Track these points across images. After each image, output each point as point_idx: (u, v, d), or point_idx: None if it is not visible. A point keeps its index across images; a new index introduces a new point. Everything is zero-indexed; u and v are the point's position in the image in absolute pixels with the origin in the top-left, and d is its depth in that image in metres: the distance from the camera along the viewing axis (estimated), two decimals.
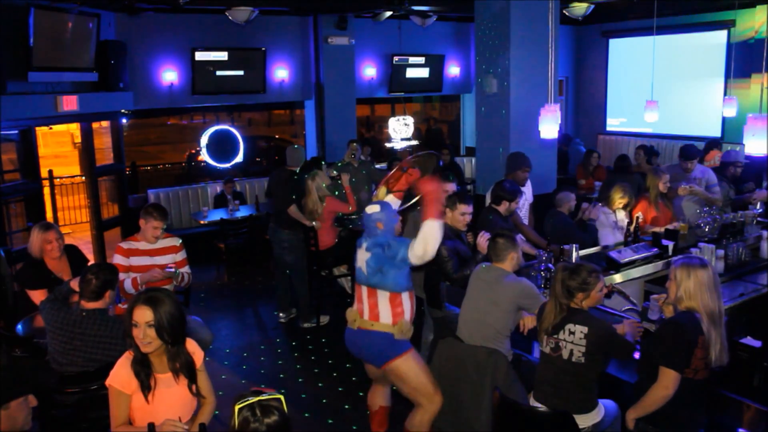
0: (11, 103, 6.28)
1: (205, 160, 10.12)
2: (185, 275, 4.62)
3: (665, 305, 3.35)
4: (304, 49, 10.12)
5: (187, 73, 9.16)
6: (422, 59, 11.09)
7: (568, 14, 9.11)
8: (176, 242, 4.62)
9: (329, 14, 9.81)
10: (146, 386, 2.84)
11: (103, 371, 3.28)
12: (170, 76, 9.04)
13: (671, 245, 5.26)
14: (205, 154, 9.94)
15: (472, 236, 4.59)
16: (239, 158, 10.07)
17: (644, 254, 5.13)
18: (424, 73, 11.19)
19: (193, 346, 3.01)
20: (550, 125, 4.97)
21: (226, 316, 7.02)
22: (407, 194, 4.03)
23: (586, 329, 3.21)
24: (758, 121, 4.47)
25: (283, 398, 2.21)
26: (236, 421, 2.15)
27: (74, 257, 4.83)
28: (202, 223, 8.49)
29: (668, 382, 2.94)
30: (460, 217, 4.50)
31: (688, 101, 10.55)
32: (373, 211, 3.75)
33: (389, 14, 9.61)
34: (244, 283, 8.10)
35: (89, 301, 3.66)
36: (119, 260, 4.40)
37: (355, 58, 10.35)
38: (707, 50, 10.34)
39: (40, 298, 4.27)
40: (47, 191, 9.97)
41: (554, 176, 7.94)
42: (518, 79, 7.33)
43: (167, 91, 9.09)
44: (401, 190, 3.92)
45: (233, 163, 10.06)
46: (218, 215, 8.45)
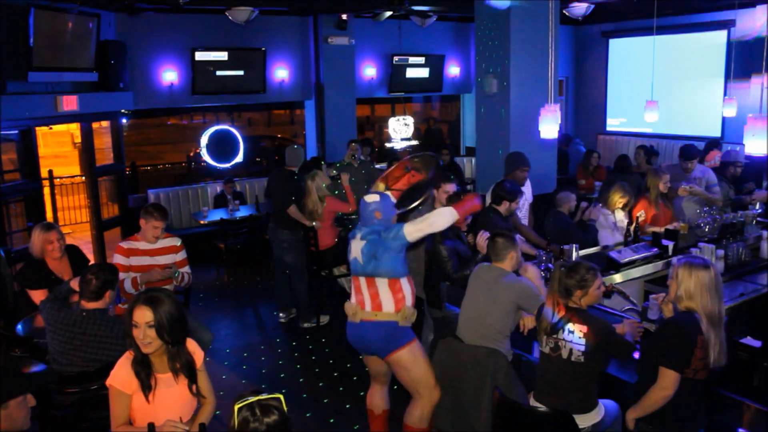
0: (11, 103, 6.28)
1: (205, 160, 10.13)
2: (185, 275, 4.63)
3: (664, 304, 3.35)
4: (304, 49, 10.12)
5: (187, 73, 9.16)
6: (422, 59, 11.08)
7: (568, 14, 9.11)
8: (176, 242, 4.63)
9: (329, 14, 9.81)
10: (146, 386, 2.84)
11: (103, 371, 3.28)
12: (170, 76, 9.04)
13: (671, 245, 5.27)
14: (205, 154, 9.94)
15: (472, 237, 4.59)
16: (239, 158, 10.08)
17: (644, 254, 5.14)
18: (424, 73, 11.19)
19: (193, 346, 3.01)
20: (550, 125, 4.97)
21: (226, 316, 7.02)
22: (406, 195, 4.03)
23: (585, 328, 3.21)
24: (758, 121, 4.47)
25: (282, 398, 2.21)
26: (236, 421, 2.15)
27: (75, 257, 4.83)
28: (202, 223, 8.49)
29: (668, 382, 2.94)
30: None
31: (688, 101, 10.54)
32: (372, 200, 3.74)
33: (389, 14, 9.61)
34: (244, 283, 8.10)
35: (89, 301, 3.67)
36: (119, 260, 4.41)
37: (355, 58, 10.35)
38: (707, 50, 10.34)
39: (40, 298, 4.27)
40: (47, 191, 9.97)
41: (554, 176, 7.94)
42: (518, 79, 7.33)
43: (167, 91, 9.09)
44: (400, 189, 3.92)
45: (233, 163, 10.07)
46: (218, 215, 8.45)
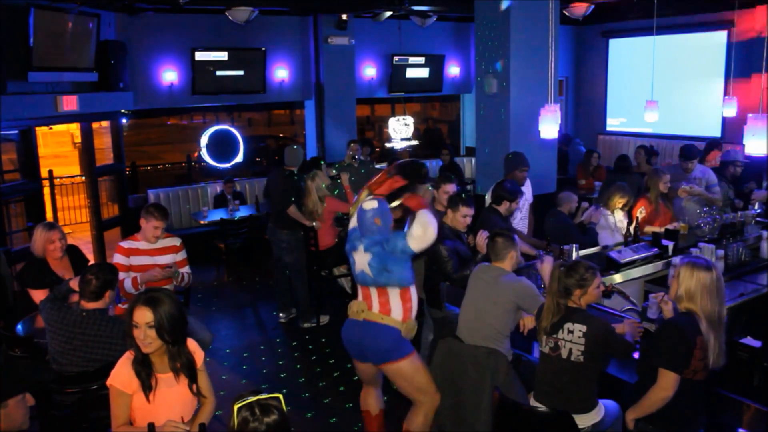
0: (11, 103, 6.28)
1: (205, 160, 10.13)
2: (185, 275, 4.63)
3: (663, 303, 3.35)
4: (304, 49, 10.12)
5: (187, 73, 9.16)
6: (422, 59, 11.08)
7: (568, 14, 9.11)
8: (176, 242, 4.63)
9: (329, 14, 9.81)
10: (147, 386, 2.84)
11: (103, 371, 3.29)
12: (170, 76, 9.04)
13: (671, 245, 5.27)
14: (205, 154, 9.94)
15: (472, 238, 4.60)
16: (239, 158, 10.08)
17: (644, 254, 5.14)
18: (424, 73, 11.19)
19: (193, 345, 3.01)
20: (550, 125, 4.97)
21: (226, 316, 7.02)
22: (388, 200, 4.04)
23: (584, 328, 3.21)
24: (758, 121, 4.47)
25: (282, 397, 2.21)
26: (235, 421, 2.15)
27: (75, 257, 4.83)
28: (202, 223, 8.49)
29: (667, 383, 2.94)
30: (461, 218, 4.53)
31: (688, 101, 10.54)
32: (371, 206, 3.72)
33: (389, 14, 9.61)
34: (243, 283, 8.10)
35: (89, 301, 3.67)
36: (119, 259, 4.41)
37: (355, 58, 10.35)
38: (707, 50, 10.34)
39: (41, 297, 4.25)
40: (47, 191, 9.97)
41: (554, 176, 7.94)
42: (518, 79, 7.33)
43: (167, 91, 9.09)
44: (382, 194, 3.91)
45: (233, 163, 10.07)
46: (218, 215, 8.45)
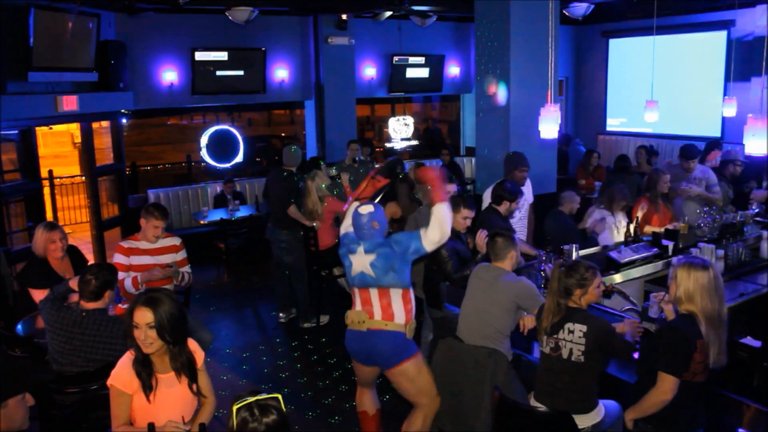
0: (11, 103, 6.28)
1: (204, 160, 10.13)
2: (186, 274, 4.63)
3: (664, 303, 3.35)
4: (304, 49, 10.12)
5: (187, 73, 9.16)
6: (422, 59, 11.08)
7: (568, 14, 9.11)
8: (176, 241, 4.63)
9: (329, 14, 9.81)
10: (147, 386, 2.84)
11: (103, 371, 3.29)
12: (170, 76, 9.04)
13: (671, 245, 5.27)
14: (205, 154, 9.95)
15: (471, 241, 4.60)
16: (239, 158, 10.08)
17: (644, 254, 5.14)
18: (424, 73, 11.19)
19: (194, 345, 3.01)
20: (550, 125, 4.96)
21: (226, 316, 7.02)
22: (373, 197, 4.12)
23: (585, 328, 3.21)
24: (758, 121, 4.46)
25: (281, 397, 2.20)
26: (234, 421, 2.14)
27: (76, 258, 4.83)
28: (202, 223, 8.49)
29: (667, 387, 2.94)
30: (461, 220, 4.54)
31: (688, 101, 10.54)
32: (367, 210, 3.75)
33: (389, 14, 9.61)
34: (243, 283, 8.10)
35: (89, 301, 3.67)
36: (120, 259, 4.41)
37: (355, 58, 10.34)
38: (707, 50, 10.33)
39: (42, 297, 4.26)
40: (47, 191, 9.97)
41: (554, 176, 7.92)
42: (518, 79, 7.32)
43: (167, 91, 9.09)
44: (366, 197, 3.95)
45: (233, 163, 10.07)
46: (218, 215, 8.45)
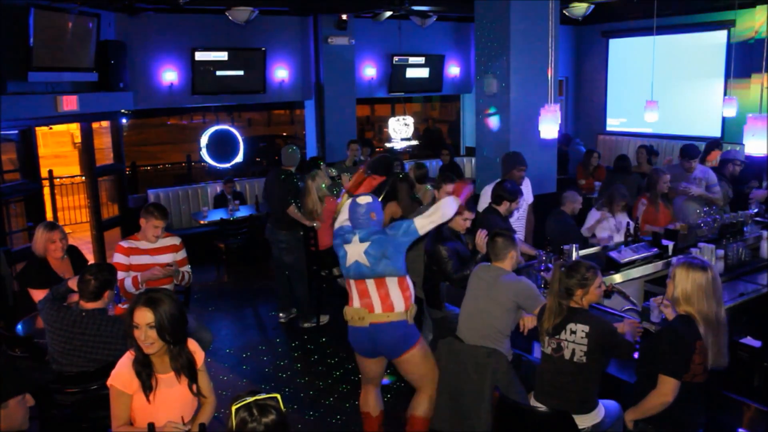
0: (11, 103, 6.27)
1: (204, 160, 10.12)
2: (186, 274, 4.63)
3: (664, 306, 3.34)
4: (304, 49, 10.12)
5: (187, 73, 9.15)
6: (422, 59, 11.08)
7: (568, 14, 9.11)
8: (176, 241, 4.63)
9: (329, 14, 9.81)
10: (147, 386, 2.84)
11: (103, 371, 3.29)
12: (170, 76, 9.04)
13: (671, 245, 5.27)
14: (205, 154, 9.94)
15: (471, 241, 4.61)
16: (239, 158, 10.08)
17: (644, 254, 5.14)
18: (424, 73, 11.18)
19: (194, 345, 3.01)
20: (550, 125, 4.97)
21: (226, 316, 7.02)
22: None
23: (587, 328, 3.21)
24: (758, 121, 4.46)
25: (279, 397, 2.20)
26: (234, 422, 2.14)
27: (75, 258, 4.83)
28: (202, 223, 8.48)
29: (667, 389, 2.93)
30: (461, 221, 4.56)
31: (688, 101, 10.54)
32: (365, 201, 3.77)
33: (389, 14, 9.61)
34: (243, 283, 8.09)
35: (88, 301, 3.67)
36: (120, 259, 4.40)
37: (355, 58, 10.34)
38: (707, 50, 10.33)
39: (41, 297, 4.27)
40: (47, 191, 9.97)
41: (554, 176, 7.93)
42: (518, 79, 7.32)
43: (167, 91, 9.09)
44: (363, 194, 3.94)
45: (233, 163, 10.07)
46: (218, 215, 8.45)
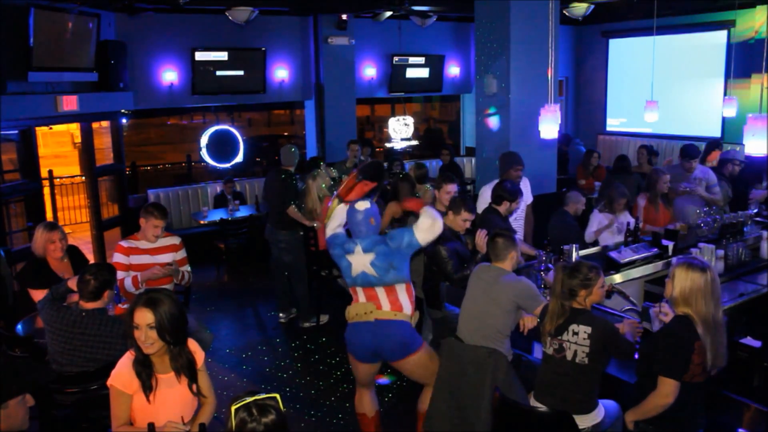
0: (11, 103, 6.28)
1: (204, 160, 10.13)
2: (186, 273, 4.63)
3: (663, 315, 3.32)
4: (304, 49, 10.12)
5: (187, 73, 9.16)
6: (422, 59, 11.08)
7: (568, 14, 9.11)
8: (176, 241, 4.63)
9: (329, 14, 9.81)
10: (148, 386, 2.84)
11: (103, 371, 3.29)
12: (170, 76, 9.04)
13: (671, 245, 5.27)
14: (205, 154, 9.94)
15: (471, 242, 4.61)
16: (239, 158, 10.08)
17: (644, 254, 5.14)
18: (424, 73, 11.19)
19: (194, 345, 3.01)
20: (550, 125, 4.97)
21: (226, 316, 7.02)
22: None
23: (590, 329, 3.20)
24: (758, 121, 4.47)
25: (279, 397, 2.20)
26: (233, 422, 2.14)
27: (74, 258, 4.83)
28: (202, 223, 8.49)
29: (668, 390, 2.94)
30: (461, 222, 4.56)
31: (688, 101, 10.54)
32: (363, 207, 3.77)
33: (389, 14, 9.61)
34: (244, 283, 8.10)
35: (88, 301, 3.67)
36: (120, 258, 4.40)
37: (355, 58, 10.34)
38: (707, 50, 10.34)
39: (41, 297, 4.27)
40: (47, 191, 9.97)
41: (554, 176, 7.93)
42: (518, 79, 7.32)
43: (167, 91, 9.09)
44: (354, 200, 3.92)
45: (233, 163, 10.07)
46: (218, 215, 8.45)
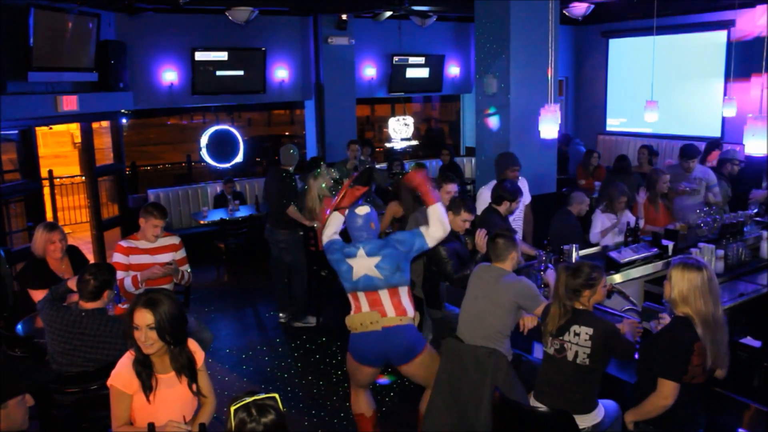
0: (11, 103, 6.27)
1: (204, 160, 10.13)
2: (185, 273, 4.63)
3: (664, 323, 3.32)
4: (304, 49, 10.12)
5: (187, 73, 9.15)
6: (422, 59, 11.08)
7: (568, 14, 9.10)
8: (175, 240, 4.63)
9: (329, 14, 9.81)
10: (148, 386, 2.84)
11: (102, 371, 3.29)
12: (170, 76, 9.04)
13: (671, 245, 5.27)
14: (205, 154, 9.94)
15: (470, 242, 4.61)
16: (239, 158, 10.08)
17: (644, 254, 5.14)
18: (424, 73, 11.18)
19: (194, 346, 3.01)
20: (550, 125, 4.97)
21: (226, 316, 7.02)
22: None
23: (591, 331, 3.20)
24: (758, 121, 4.46)
25: (278, 397, 2.20)
26: (232, 423, 2.13)
27: (75, 258, 4.83)
28: (202, 223, 8.49)
29: (668, 392, 2.94)
30: (461, 222, 4.57)
31: (688, 101, 10.54)
32: (364, 211, 3.82)
33: (389, 14, 9.61)
34: (244, 283, 8.10)
35: (87, 301, 3.67)
36: (119, 258, 4.41)
37: (355, 58, 10.34)
38: (707, 50, 10.33)
39: (41, 298, 4.27)
40: (47, 191, 9.97)
41: (554, 176, 7.92)
42: (518, 79, 7.32)
43: (167, 91, 9.09)
44: (346, 207, 3.96)
45: (233, 163, 10.07)
46: (218, 215, 8.45)
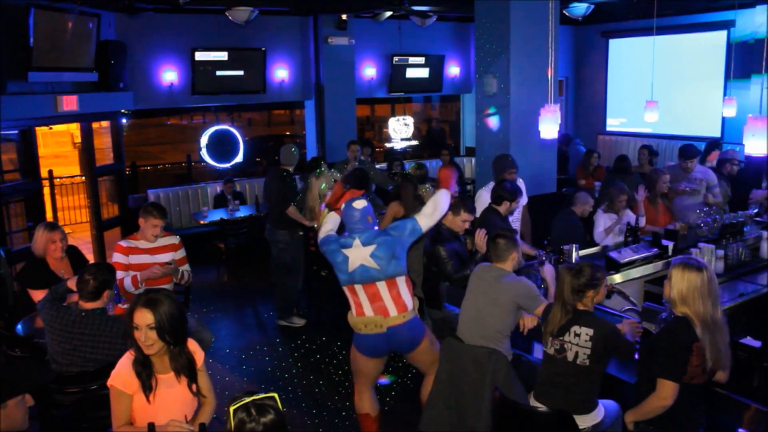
0: (11, 103, 6.28)
1: (204, 160, 10.13)
2: (185, 273, 4.63)
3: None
4: (304, 49, 10.12)
5: (187, 73, 9.15)
6: (422, 59, 11.08)
7: (568, 14, 9.10)
8: (175, 240, 4.64)
9: (329, 14, 9.81)
10: (147, 386, 2.84)
11: (102, 371, 3.29)
12: (170, 76, 9.04)
13: (671, 245, 5.27)
14: (205, 154, 9.94)
15: (470, 242, 4.61)
16: (239, 158, 10.08)
17: (644, 254, 5.14)
18: (424, 73, 11.18)
19: (194, 346, 3.01)
20: (550, 125, 4.96)
21: (226, 316, 7.01)
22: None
23: (591, 331, 3.20)
24: (758, 121, 4.46)
25: (277, 397, 2.20)
26: (232, 423, 2.14)
27: (75, 258, 4.83)
28: (202, 223, 8.49)
29: (667, 392, 2.94)
30: (460, 222, 4.58)
31: (688, 101, 10.54)
32: (361, 205, 3.86)
33: (389, 14, 9.61)
34: (243, 283, 8.09)
35: (87, 301, 3.67)
36: (119, 258, 4.41)
37: (355, 58, 10.34)
38: (707, 50, 10.33)
39: (41, 298, 4.27)
40: (47, 191, 9.97)
41: (554, 176, 7.92)
42: (518, 79, 7.32)
43: (167, 91, 9.09)
44: (356, 198, 3.99)
45: (233, 163, 10.07)
46: (218, 215, 8.45)
